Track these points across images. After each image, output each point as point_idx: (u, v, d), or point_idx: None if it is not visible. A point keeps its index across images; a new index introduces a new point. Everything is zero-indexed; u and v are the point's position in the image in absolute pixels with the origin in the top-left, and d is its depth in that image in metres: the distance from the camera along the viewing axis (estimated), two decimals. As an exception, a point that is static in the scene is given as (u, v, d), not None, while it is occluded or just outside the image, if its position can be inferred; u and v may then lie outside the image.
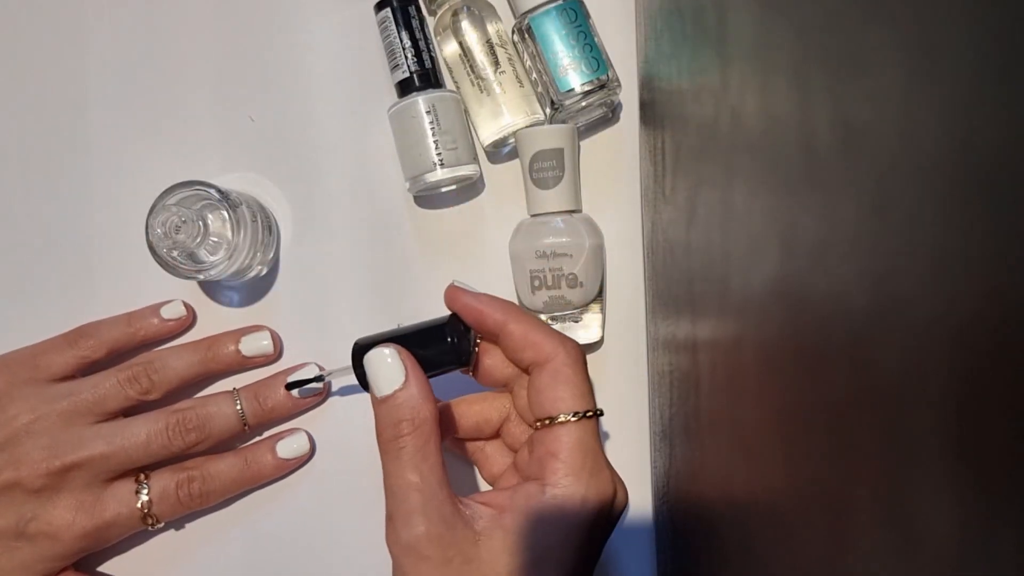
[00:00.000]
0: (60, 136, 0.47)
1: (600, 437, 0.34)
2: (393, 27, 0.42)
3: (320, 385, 0.43)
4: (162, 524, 0.41)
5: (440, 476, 0.32)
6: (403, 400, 0.32)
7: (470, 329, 0.37)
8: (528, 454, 0.35)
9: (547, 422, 0.33)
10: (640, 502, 0.44)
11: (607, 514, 0.33)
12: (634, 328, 0.45)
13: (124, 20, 0.47)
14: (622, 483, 0.35)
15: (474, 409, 0.38)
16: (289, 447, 0.43)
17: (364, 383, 0.35)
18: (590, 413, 0.33)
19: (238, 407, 0.42)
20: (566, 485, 0.32)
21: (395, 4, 0.42)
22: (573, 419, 0.32)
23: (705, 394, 0.31)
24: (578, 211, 0.43)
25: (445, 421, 0.37)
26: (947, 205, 0.13)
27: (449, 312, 0.37)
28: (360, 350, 0.35)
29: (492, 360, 0.37)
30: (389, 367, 0.33)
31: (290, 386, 0.42)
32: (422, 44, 0.42)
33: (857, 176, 0.16)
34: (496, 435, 0.39)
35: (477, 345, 0.37)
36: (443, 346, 0.35)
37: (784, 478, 0.22)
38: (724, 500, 0.29)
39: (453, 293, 0.36)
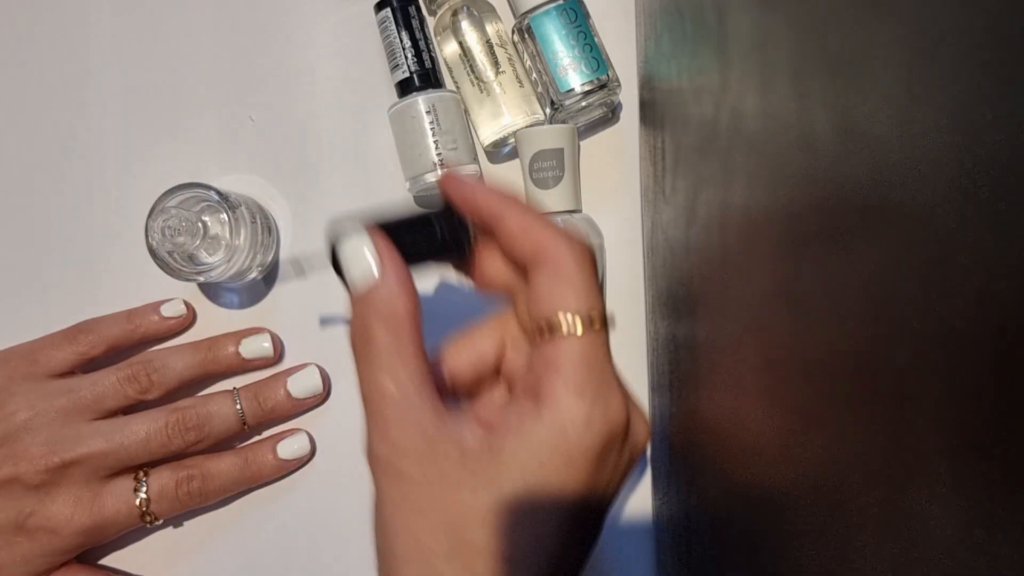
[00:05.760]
0: (61, 137, 0.47)
1: (610, 353, 0.29)
2: (393, 27, 0.42)
3: (303, 273, 0.34)
4: (160, 522, 0.41)
5: (420, 381, 0.27)
6: (376, 295, 0.28)
7: (466, 222, 0.31)
8: (526, 371, 0.30)
9: (547, 333, 0.28)
10: (640, 502, 0.44)
11: (619, 443, 0.28)
12: (634, 328, 0.45)
13: (124, 21, 0.47)
14: (642, 415, 0.30)
15: (464, 353, 0.31)
16: (290, 448, 0.43)
17: (342, 275, 0.30)
18: (598, 325, 0.28)
19: (238, 407, 0.42)
20: (568, 405, 0.27)
21: (395, 4, 0.42)
22: (578, 331, 0.27)
23: (705, 394, 0.31)
24: (578, 211, 0.43)
25: (439, 381, 0.31)
26: (946, 205, 0.13)
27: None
28: (334, 238, 0.30)
29: (493, 260, 0.31)
30: (362, 260, 0.28)
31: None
32: (422, 44, 0.42)
33: (856, 176, 0.16)
34: (496, 374, 0.32)
35: (475, 240, 0.31)
36: (431, 238, 0.30)
37: (785, 478, 0.22)
38: (725, 500, 0.29)
39: (447, 179, 0.31)
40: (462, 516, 0.26)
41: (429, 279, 0.40)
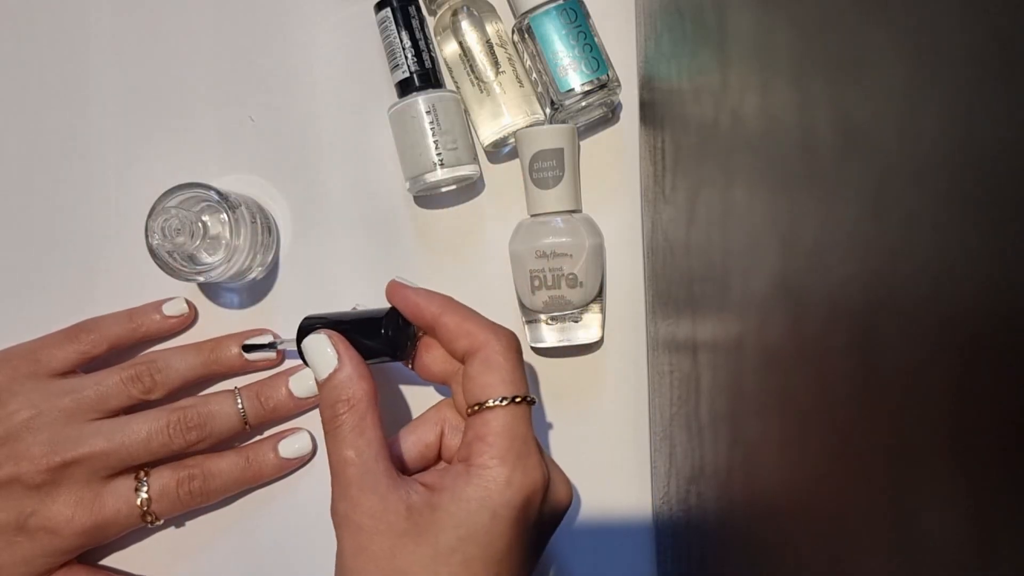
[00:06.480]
0: (61, 137, 0.47)
1: (531, 424, 0.34)
2: (393, 27, 0.42)
3: (273, 354, 0.44)
4: (161, 521, 0.41)
5: (376, 451, 0.33)
6: (338, 382, 0.34)
7: (410, 324, 0.38)
8: (461, 442, 0.36)
9: (477, 408, 0.34)
10: (640, 502, 0.44)
11: (538, 500, 0.34)
12: (634, 328, 0.45)
13: (124, 21, 0.47)
14: (565, 479, 0.36)
15: (411, 440, 0.38)
16: (291, 447, 0.43)
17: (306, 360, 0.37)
18: (519, 399, 0.34)
19: (239, 406, 0.42)
20: (492, 467, 0.32)
21: (395, 4, 0.42)
22: (502, 404, 0.33)
23: (705, 394, 0.31)
24: (578, 211, 0.43)
25: (397, 462, 0.37)
26: (947, 205, 0.13)
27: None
28: (303, 332, 0.38)
29: (431, 355, 0.38)
30: (324, 353, 0.35)
31: (246, 348, 0.43)
32: (422, 44, 0.42)
33: (857, 176, 0.16)
34: (438, 454, 0.39)
35: (418, 339, 0.39)
36: (378, 337, 0.37)
37: (785, 478, 0.22)
38: (725, 500, 0.29)
39: (393, 288, 0.38)
40: (408, 561, 0.31)
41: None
